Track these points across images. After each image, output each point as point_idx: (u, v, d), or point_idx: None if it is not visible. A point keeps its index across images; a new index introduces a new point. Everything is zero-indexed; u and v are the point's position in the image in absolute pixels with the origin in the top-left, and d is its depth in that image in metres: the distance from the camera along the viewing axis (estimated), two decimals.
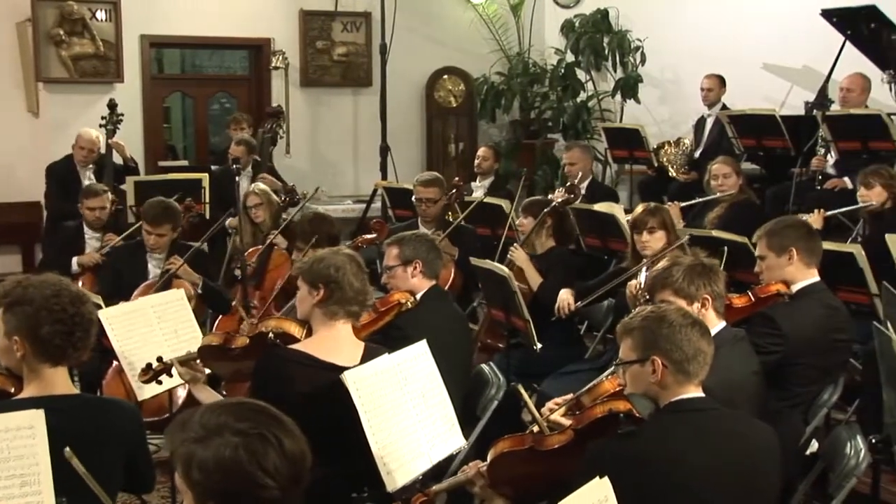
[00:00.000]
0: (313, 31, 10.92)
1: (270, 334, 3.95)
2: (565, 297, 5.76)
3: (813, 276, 4.55)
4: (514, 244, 6.21)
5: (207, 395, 3.87)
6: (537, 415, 3.40)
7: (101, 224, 6.86)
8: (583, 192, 8.05)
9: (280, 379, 3.52)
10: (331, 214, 6.77)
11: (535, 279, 5.92)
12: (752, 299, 4.55)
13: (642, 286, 4.86)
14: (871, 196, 6.05)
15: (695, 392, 3.11)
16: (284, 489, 2.08)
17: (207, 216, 7.67)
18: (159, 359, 4.09)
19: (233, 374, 4.48)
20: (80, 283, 6.20)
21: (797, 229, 4.61)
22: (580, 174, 7.93)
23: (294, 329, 3.97)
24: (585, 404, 3.75)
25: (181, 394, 5.03)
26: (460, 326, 4.96)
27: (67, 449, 2.54)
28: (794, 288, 4.52)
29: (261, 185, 7.29)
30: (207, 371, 4.00)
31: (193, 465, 2.07)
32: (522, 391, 3.45)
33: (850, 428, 3.87)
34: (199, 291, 5.95)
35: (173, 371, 4.04)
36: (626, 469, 2.84)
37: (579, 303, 5.70)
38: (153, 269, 6.15)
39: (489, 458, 3.25)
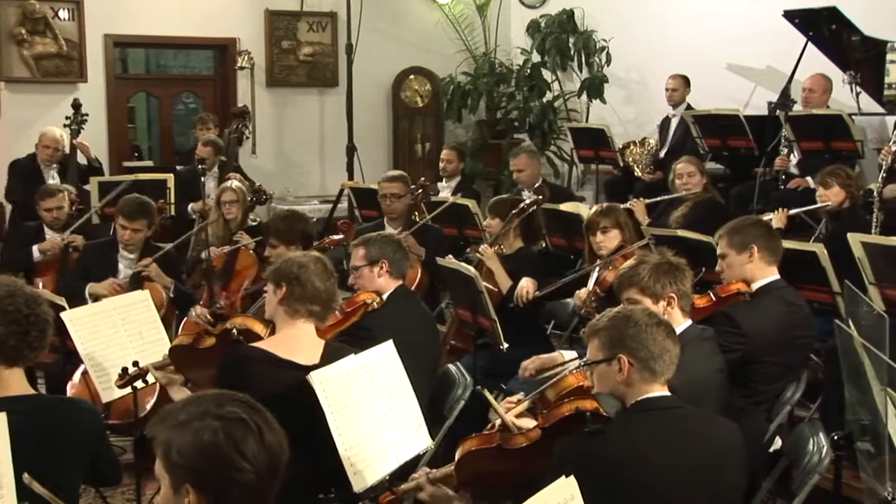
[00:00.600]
0: (279, 31, 10.89)
1: (234, 331, 3.95)
2: (525, 284, 5.79)
3: (773, 275, 4.61)
4: (483, 244, 6.23)
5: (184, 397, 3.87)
6: (505, 417, 3.40)
7: (59, 224, 6.80)
8: (533, 195, 8.10)
9: (240, 375, 3.52)
10: None
11: (504, 280, 5.94)
12: (714, 299, 4.60)
13: (592, 289, 4.89)
14: (830, 196, 6.11)
15: (661, 391, 3.14)
16: (261, 476, 2.13)
17: (173, 216, 7.62)
18: (135, 363, 4.09)
19: (205, 377, 4.46)
20: (39, 285, 6.19)
21: (757, 228, 4.67)
22: (528, 180, 8.00)
23: (258, 327, 3.97)
24: (550, 399, 3.77)
25: (150, 400, 5.01)
26: (427, 326, 4.96)
27: (26, 475, 2.55)
28: (755, 286, 4.57)
29: (237, 183, 7.27)
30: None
31: (173, 448, 2.13)
32: (488, 395, 3.46)
33: (813, 425, 3.92)
34: (171, 295, 5.92)
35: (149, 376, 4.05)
36: (593, 468, 2.86)
37: (537, 292, 5.74)
38: (123, 270, 6.11)
39: (457, 456, 3.26)
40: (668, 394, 3.17)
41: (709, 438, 3.14)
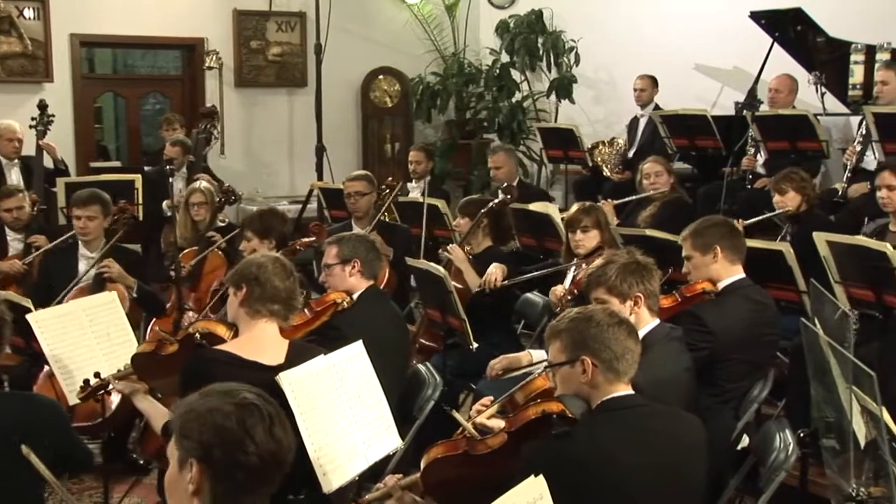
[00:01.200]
0: (247, 31, 10.84)
1: (197, 335, 3.93)
2: (494, 270, 5.80)
3: (738, 273, 4.64)
4: (452, 243, 6.24)
5: (149, 406, 3.86)
6: (469, 428, 3.39)
7: (20, 225, 6.74)
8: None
9: (203, 378, 3.46)
10: None
11: (473, 279, 5.95)
12: (679, 299, 4.63)
13: (568, 288, 4.90)
14: (786, 202, 6.14)
15: (625, 390, 3.16)
16: (265, 463, 2.23)
17: (141, 218, 7.57)
18: (97, 374, 4.05)
19: (170, 385, 4.43)
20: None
21: (720, 228, 4.71)
22: (505, 177, 8.05)
23: (220, 330, 3.95)
24: (519, 401, 3.78)
25: (115, 399, 4.97)
26: (397, 327, 4.97)
27: (24, 447, 2.56)
28: (720, 285, 4.61)
29: (205, 184, 7.23)
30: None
31: (186, 425, 2.25)
32: (456, 414, 3.45)
33: (780, 423, 3.95)
34: (134, 295, 5.88)
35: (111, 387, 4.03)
36: (560, 470, 2.86)
37: (506, 281, 5.76)
38: (84, 270, 6.06)
39: (422, 464, 3.25)
40: (633, 392, 3.18)
41: (674, 436, 3.16)
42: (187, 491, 2.24)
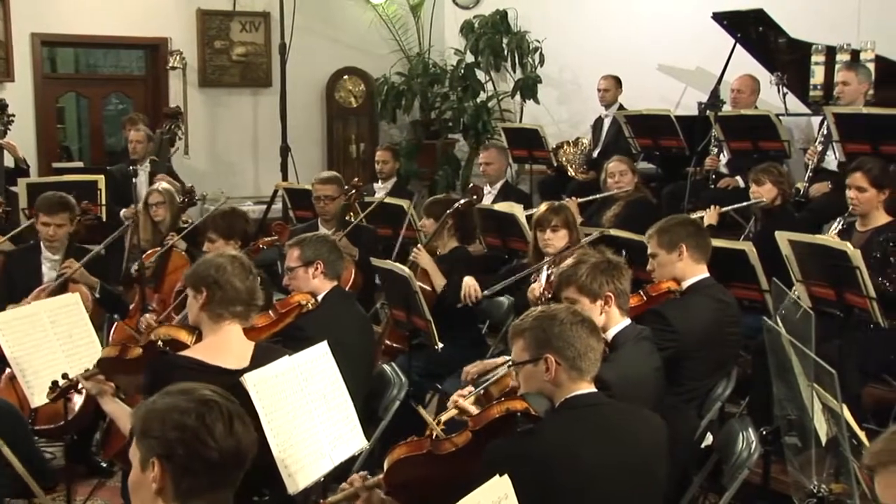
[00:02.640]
0: (211, 31, 10.78)
1: (159, 342, 3.90)
2: (470, 282, 5.83)
3: (703, 272, 4.68)
4: (417, 245, 6.24)
5: (116, 407, 3.83)
6: (434, 426, 3.39)
7: None
8: (496, 192, 8.16)
9: (166, 385, 3.46)
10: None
11: (438, 280, 5.95)
12: (645, 298, 4.66)
13: (544, 287, 4.91)
14: (762, 193, 6.22)
15: (588, 388, 3.18)
16: (224, 459, 2.25)
17: (104, 218, 7.51)
18: (65, 375, 4.02)
19: (135, 386, 4.40)
20: None
21: (686, 227, 4.75)
22: (495, 175, 8.10)
23: (183, 335, 3.92)
24: (494, 395, 3.79)
25: (77, 401, 4.93)
26: (363, 327, 4.97)
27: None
28: (685, 284, 4.65)
29: (164, 184, 7.19)
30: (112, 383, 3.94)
31: (147, 423, 2.28)
32: (423, 412, 3.46)
33: (743, 421, 3.99)
34: (97, 296, 5.84)
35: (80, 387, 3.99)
36: (524, 467, 2.87)
37: (486, 291, 5.78)
38: (48, 272, 6.01)
39: (386, 465, 3.24)
40: (595, 390, 3.20)
41: (636, 433, 3.19)
42: (151, 490, 2.25)
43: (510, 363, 3.34)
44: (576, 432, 3.08)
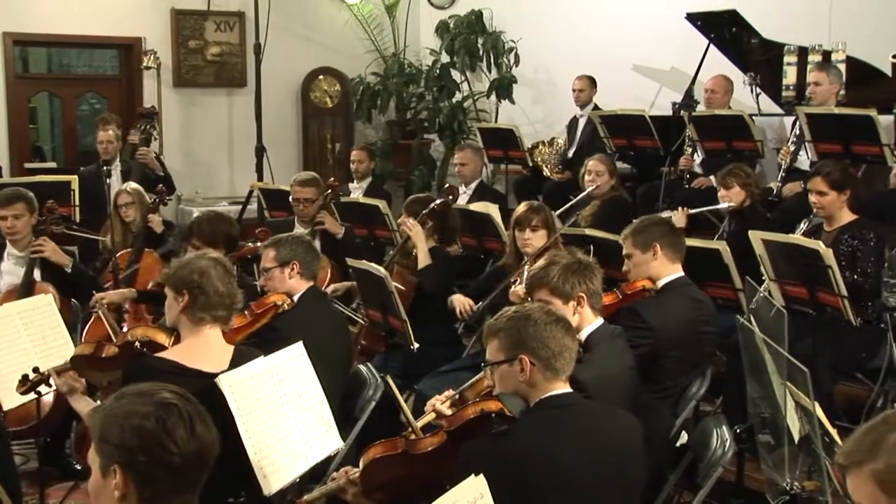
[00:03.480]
0: (186, 31, 10.73)
1: (137, 343, 3.88)
2: (460, 299, 5.84)
3: (677, 272, 4.72)
4: (410, 221, 6.15)
5: (85, 405, 3.81)
6: (410, 417, 3.40)
7: None
8: (471, 193, 8.16)
9: None
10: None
11: (424, 258, 5.95)
12: (620, 296, 4.69)
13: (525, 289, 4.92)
14: (731, 196, 6.26)
15: (563, 388, 3.18)
16: (187, 463, 2.21)
17: (77, 219, 7.47)
18: (35, 369, 3.99)
19: (109, 383, 4.38)
20: None
21: (660, 227, 4.79)
22: (470, 175, 8.10)
23: (161, 337, 3.90)
24: (469, 399, 3.80)
25: (48, 400, 4.90)
26: (338, 327, 4.96)
27: None
28: (660, 283, 4.69)
29: (133, 185, 7.16)
30: (84, 381, 3.92)
31: (106, 428, 2.23)
32: (393, 386, 3.46)
33: (717, 419, 4.01)
34: (69, 271, 5.85)
35: (51, 381, 3.96)
36: (500, 468, 2.87)
37: (481, 303, 5.78)
38: (12, 269, 6.00)
39: (361, 464, 3.25)
40: (570, 390, 3.21)
41: (611, 433, 3.20)
42: (113, 497, 2.22)
43: (485, 363, 3.33)
44: (550, 433, 3.09)
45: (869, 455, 1.82)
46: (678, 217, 6.38)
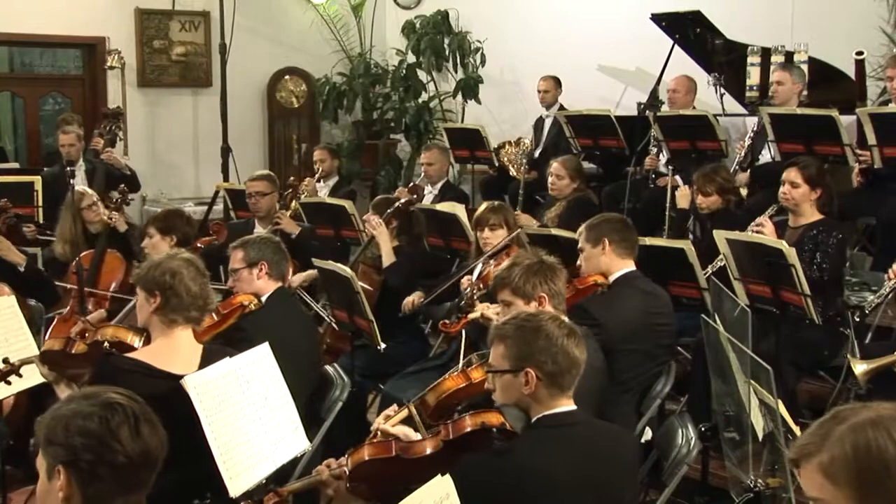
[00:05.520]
0: (150, 30, 10.67)
1: (105, 343, 3.85)
2: (411, 297, 5.88)
3: (629, 267, 4.76)
4: (378, 219, 6.17)
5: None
6: (390, 430, 3.37)
7: None
8: (436, 192, 8.17)
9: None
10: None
11: (388, 257, 5.97)
12: (573, 291, 4.69)
13: (476, 280, 4.93)
14: (709, 204, 6.27)
15: (567, 405, 3.10)
16: (132, 462, 2.21)
17: (41, 220, 7.40)
18: (5, 360, 3.96)
19: (71, 376, 4.35)
20: None
21: (612, 223, 4.86)
22: (436, 175, 8.16)
23: (130, 337, 3.88)
24: (430, 403, 3.79)
25: (10, 402, 4.86)
26: (305, 328, 4.95)
27: None
28: (612, 278, 4.73)
29: (88, 189, 7.10)
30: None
31: (51, 429, 2.23)
32: (414, 413, 3.44)
33: (682, 418, 4.04)
34: (21, 270, 5.83)
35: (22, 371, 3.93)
36: (498, 487, 2.86)
37: (423, 300, 5.83)
38: None
39: (350, 463, 3.21)
40: (574, 408, 3.12)
41: (612, 454, 3.14)
42: (58, 499, 2.21)
43: (489, 368, 3.22)
44: (551, 454, 3.00)
45: (816, 448, 1.88)
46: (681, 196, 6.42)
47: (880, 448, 1.82)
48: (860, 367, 4.31)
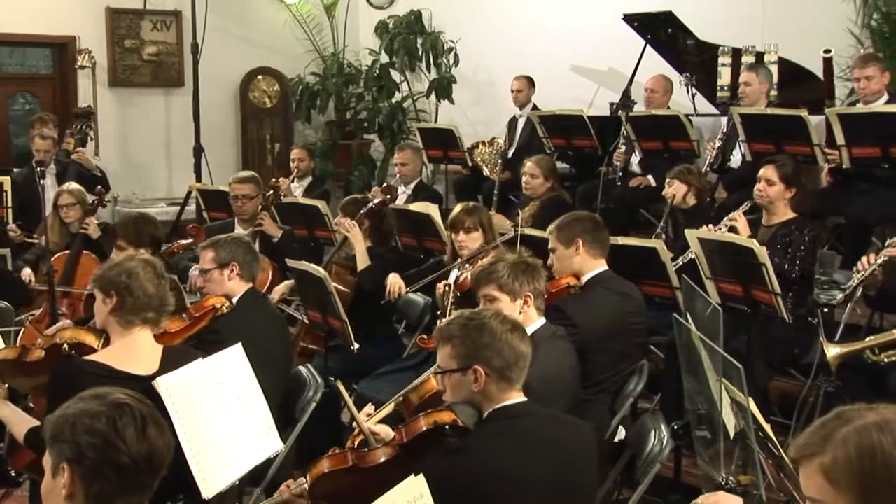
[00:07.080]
0: (121, 30, 10.62)
1: (65, 346, 3.81)
2: (395, 280, 5.85)
3: (601, 267, 4.76)
4: (350, 221, 6.17)
5: (8, 412, 3.70)
6: (361, 421, 3.37)
7: None
8: (409, 192, 8.17)
9: (73, 391, 3.38)
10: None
11: (363, 260, 5.95)
12: (545, 294, 4.70)
13: (451, 286, 4.93)
14: (673, 190, 6.31)
15: (517, 397, 3.13)
16: (136, 464, 2.22)
17: (10, 221, 7.35)
18: None
19: (34, 388, 4.30)
20: None
21: (583, 223, 4.83)
22: (410, 175, 8.17)
23: (90, 339, 3.84)
24: (413, 401, 3.77)
25: None
26: (278, 329, 4.93)
27: None
28: (584, 279, 4.72)
29: (74, 185, 7.07)
30: (6, 386, 3.83)
31: (58, 428, 2.25)
32: (343, 390, 3.43)
33: (655, 416, 4.06)
34: None
35: None
36: (456, 486, 2.86)
37: (409, 288, 5.83)
38: None
39: (309, 479, 3.19)
40: (524, 399, 3.15)
41: (566, 443, 3.16)
42: (61, 497, 2.22)
43: (436, 369, 3.25)
44: (504, 447, 3.02)
45: (818, 449, 1.85)
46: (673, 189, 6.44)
47: (885, 453, 1.79)
48: (833, 351, 4.35)
